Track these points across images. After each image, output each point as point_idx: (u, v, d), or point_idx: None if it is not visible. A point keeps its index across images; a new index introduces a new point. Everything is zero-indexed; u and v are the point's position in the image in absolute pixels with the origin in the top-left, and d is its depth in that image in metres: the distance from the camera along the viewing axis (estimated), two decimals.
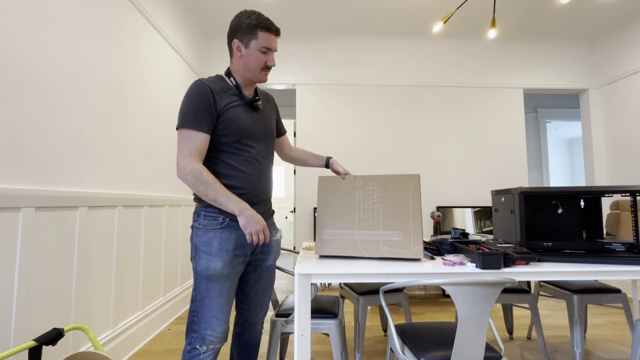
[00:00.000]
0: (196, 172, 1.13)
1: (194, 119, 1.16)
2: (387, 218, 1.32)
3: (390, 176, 1.39)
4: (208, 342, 1.19)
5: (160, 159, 2.57)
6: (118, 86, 2.02)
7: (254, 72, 1.25)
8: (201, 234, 1.20)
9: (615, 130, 3.57)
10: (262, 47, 1.22)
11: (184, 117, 1.16)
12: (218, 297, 1.19)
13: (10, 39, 1.32)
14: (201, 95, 1.17)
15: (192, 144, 1.15)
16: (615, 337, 2.32)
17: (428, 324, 1.37)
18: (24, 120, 1.37)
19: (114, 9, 1.99)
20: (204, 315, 1.19)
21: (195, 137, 1.16)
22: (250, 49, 1.22)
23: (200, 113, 1.16)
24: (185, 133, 1.16)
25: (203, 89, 1.18)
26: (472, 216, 3.47)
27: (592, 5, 3.16)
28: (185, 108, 1.17)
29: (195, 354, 1.19)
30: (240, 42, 1.22)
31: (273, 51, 1.25)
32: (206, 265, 1.18)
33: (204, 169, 1.15)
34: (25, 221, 1.35)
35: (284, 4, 3.14)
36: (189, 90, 1.19)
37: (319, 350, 2.14)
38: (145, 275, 2.30)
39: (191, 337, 1.21)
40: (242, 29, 1.21)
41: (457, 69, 3.70)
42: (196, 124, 1.16)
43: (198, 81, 1.21)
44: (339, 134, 3.58)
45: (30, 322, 1.39)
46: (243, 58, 1.24)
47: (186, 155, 1.14)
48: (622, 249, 1.34)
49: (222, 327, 1.20)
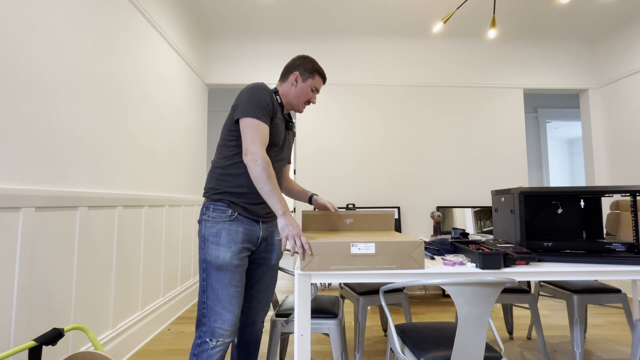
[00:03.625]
0: (266, 161, 1.22)
1: (263, 112, 1.28)
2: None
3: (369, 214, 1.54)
4: (218, 336, 1.21)
5: (160, 159, 2.57)
6: (118, 86, 2.02)
7: (299, 102, 1.45)
8: (210, 225, 1.27)
9: (615, 130, 3.57)
10: (313, 86, 1.44)
11: (253, 108, 1.27)
12: (227, 288, 1.23)
13: (10, 39, 1.32)
14: (266, 95, 1.31)
15: (262, 135, 1.26)
16: (615, 337, 2.32)
17: (428, 324, 1.37)
18: (24, 120, 1.37)
19: (114, 9, 1.99)
20: (214, 306, 1.22)
21: (264, 129, 1.27)
22: (305, 84, 1.43)
23: (266, 110, 1.29)
24: (256, 123, 1.26)
25: (267, 91, 1.33)
26: (472, 216, 3.47)
27: (592, 5, 3.16)
28: (255, 101, 1.28)
29: (204, 349, 1.21)
30: (300, 76, 1.43)
31: (317, 93, 1.48)
32: (215, 255, 1.23)
33: (270, 162, 1.28)
34: (25, 221, 1.35)
35: (285, 4, 3.14)
36: (257, 88, 1.31)
37: (319, 350, 2.14)
38: (145, 275, 2.30)
39: (201, 330, 1.23)
40: (306, 67, 1.43)
41: (457, 69, 3.70)
42: (265, 117, 1.28)
43: (263, 84, 1.35)
44: (339, 134, 3.58)
45: (30, 322, 1.39)
46: (297, 88, 1.43)
47: (259, 143, 1.24)
48: (622, 249, 1.34)
49: (232, 320, 1.23)
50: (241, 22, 3.43)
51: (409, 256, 1.17)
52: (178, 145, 2.91)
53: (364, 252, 1.16)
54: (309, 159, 3.54)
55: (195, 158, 3.35)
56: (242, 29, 3.56)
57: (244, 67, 3.60)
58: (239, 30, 3.58)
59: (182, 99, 2.99)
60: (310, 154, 3.55)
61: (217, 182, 1.32)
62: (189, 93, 3.17)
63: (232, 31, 3.58)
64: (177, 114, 2.88)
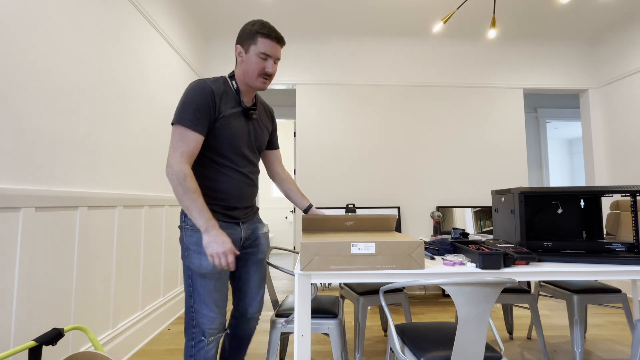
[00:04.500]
0: (181, 174, 1.13)
1: (193, 118, 1.16)
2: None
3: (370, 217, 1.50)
4: (209, 335, 1.25)
5: (161, 159, 2.57)
6: (118, 86, 2.02)
7: (252, 77, 1.26)
8: (190, 234, 1.23)
9: (615, 130, 3.57)
10: (260, 53, 1.23)
11: (182, 114, 1.16)
12: (212, 294, 1.24)
13: (10, 39, 1.32)
14: (203, 96, 1.18)
15: (186, 145, 1.16)
16: (615, 337, 2.32)
17: (428, 324, 1.37)
18: (24, 120, 1.37)
19: (114, 9, 1.99)
20: (202, 310, 1.24)
21: (190, 138, 1.16)
22: (250, 54, 1.24)
23: (199, 114, 1.17)
24: (181, 131, 1.16)
25: (205, 90, 1.19)
26: (472, 216, 3.47)
27: (592, 5, 3.16)
28: (185, 105, 1.17)
29: (200, 347, 1.24)
30: (241, 47, 1.26)
31: (273, 58, 1.25)
32: (199, 264, 1.21)
33: (190, 174, 1.15)
34: (25, 221, 1.35)
35: (284, 4, 3.14)
36: (191, 88, 1.19)
37: (319, 350, 2.14)
38: (145, 275, 2.30)
39: (192, 332, 1.25)
40: (245, 35, 1.24)
41: (457, 69, 3.70)
42: (194, 124, 1.16)
43: (201, 81, 1.21)
44: (339, 134, 3.58)
45: (30, 322, 1.39)
46: (243, 63, 1.26)
47: (177, 155, 1.15)
48: (622, 249, 1.34)
49: (219, 320, 1.27)
50: (241, 22, 3.43)
51: (409, 256, 1.17)
52: None
53: (364, 252, 1.16)
54: (308, 159, 3.54)
55: None
56: None
57: None
58: (238, 30, 3.58)
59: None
60: (310, 153, 3.55)
61: None
62: None
63: (232, 31, 3.58)
64: None
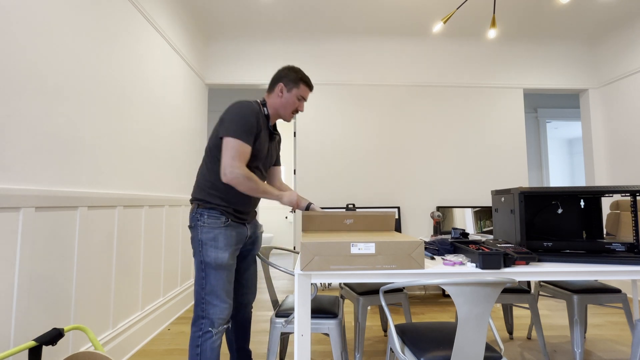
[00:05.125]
0: (246, 174, 1.36)
1: (248, 135, 1.39)
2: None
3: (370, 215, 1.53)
4: (217, 325, 1.37)
5: (160, 159, 2.57)
6: (118, 86, 2.02)
7: (287, 112, 1.54)
8: (207, 231, 1.40)
9: (615, 130, 3.57)
10: (299, 96, 1.53)
11: (239, 129, 1.37)
12: (225, 285, 1.39)
13: (10, 39, 1.32)
14: (253, 117, 1.42)
15: (243, 155, 1.38)
16: (615, 337, 2.32)
17: (428, 324, 1.37)
18: (24, 120, 1.37)
19: (114, 9, 1.99)
20: (213, 301, 1.37)
21: (246, 149, 1.39)
22: (290, 94, 1.52)
23: (251, 132, 1.40)
24: (239, 143, 1.37)
25: (255, 112, 1.43)
26: (472, 216, 3.47)
27: (592, 5, 3.16)
28: (241, 122, 1.38)
29: (207, 337, 1.36)
30: (284, 86, 1.52)
31: (304, 101, 1.58)
32: (215, 257, 1.38)
33: (249, 172, 1.38)
34: (25, 221, 1.35)
35: (284, 4, 3.14)
36: (245, 108, 1.41)
37: (319, 350, 2.14)
38: (145, 275, 2.30)
39: (200, 323, 1.37)
40: (289, 78, 1.51)
41: (457, 69, 3.70)
42: (248, 139, 1.39)
43: (249, 102, 1.45)
44: (339, 134, 3.58)
45: (30, 322, 1.39)
46: (282, 99, 1.52)
47: (237, 162, 1.36)
48: (622, 249, 1.34)
49: (228, 309, 1.40)
50: (241, 22, 3.43)
51: (409, 256, 1.17)
52: (178, 145, 2.91)
53: (364, 252, 1.16)
54: (308, 159, 3.54)
55: (196, 158, 3.36)
56: (242, 29, 3.56)
57: (244, 67, 3.60)
58: (239, 30, 3.58)
59: (182, 99, 2.99)
60: (310, 153, 3.55)
61: (209, 196, 1.44)
62: (189, 93, 3.17)
63: (232, 31, 3.58)
64: (177, 114, 2.88)
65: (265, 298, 3.36)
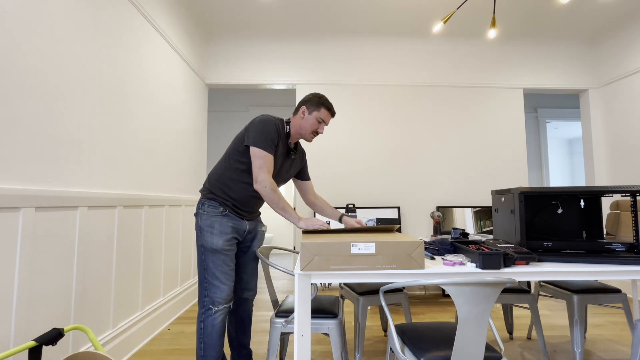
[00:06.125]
0: (273, 186, 1.50)
1: (271, 145, 1.54)
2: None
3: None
4: (217, 303, 1.53)
5: (160, 159, 2.57)
6: (118, 86, 2.02)
7: (307, 132, 1.66)
8: (205, 218, 1.57)
9: (615, 130, 3.57)
10: (319, 118, 1.64)
11: (264, 141, 1.52)
12: (221, 267, 1.54)
13: (10, 39, 1.32)
14: (274, 132, 1.56)
15: (269, 165, 1.53)
16: (615, 337, 2.32)
17: (428, 324, 1.37)
18: (24, 120, 1.37)
19: (115, 9, 1.99)
20: (213, 281, 1.53)
21: (270, 159, 1.54)
22: (311, 116, 1.64)
23: (273, 144, 1.55)
24: (264, 154, 1.52)
25: (276, 126, 1.58)
26: (472, 216, 3.47)
27: (592, 5, 3.16)
28: (265, 135, 1.53)
29: (208, 314, 1.53)
30: (306, 109, 1.65)
31: (325, 124, 1.68)
32: (210, 241, 1.54)
33: (275, 185, 1.54)
34: (25, 221, 1.35)
35: (285, 4, 3.14)
36: (267, 121, 1.55)
37: (319, 350, 2.14)
38: (145, 275, 2.30)
39: (203, 301, 1.54)
40: (313, 101, 1.64)
41: (457, 69, 3.70)
42: (271, 150, 1.54)
43: (277, 119, 1.60)
44: (338, 134, 3.58)
45: (30, 322, 1.39)
46: (303, 120, 1.65)
47: (265, 172, 1.51)
48: (622, 249, 1.34)
49: (227, 291, 1.55)
50: (241, 22, 3.43)
51: (409, 256, 1.17)
52: (178, 145, 2.91)
53: (364, 252, 1.16)
54: (308, 159, 3.54)
55: (196, 158, 3.35)
56: (242, 29, 3.56)
57: (244, 67, 3.60)
58: (239, 30, 3.58)
59: (182, 99, 2.99)
60: (310, 153, 3.55)
61: (213, 188, 1.60)
62: (189, 93, 3.17)
63: (232, 31, 3.58)
64: (177, 113, 2.88)
65: (265, 298, 3.36)
